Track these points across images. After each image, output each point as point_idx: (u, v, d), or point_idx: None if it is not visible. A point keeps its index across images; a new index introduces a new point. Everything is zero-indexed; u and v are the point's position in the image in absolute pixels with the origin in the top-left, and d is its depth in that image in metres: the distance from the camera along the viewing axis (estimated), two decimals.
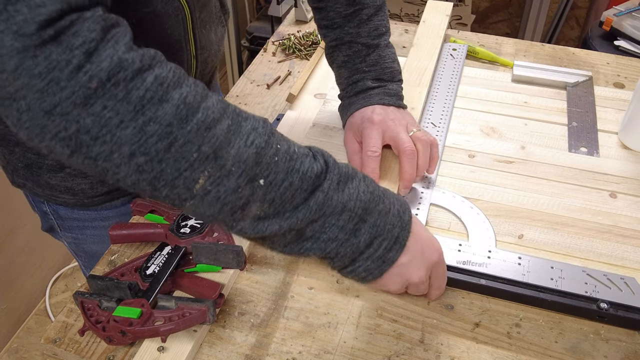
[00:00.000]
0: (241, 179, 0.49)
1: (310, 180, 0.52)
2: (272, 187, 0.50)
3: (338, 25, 0.81)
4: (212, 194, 0.49)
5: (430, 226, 0.73)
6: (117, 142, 0.45)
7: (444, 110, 0.91)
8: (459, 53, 1.04)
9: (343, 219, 0.54)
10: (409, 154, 0.74)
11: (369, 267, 0.57)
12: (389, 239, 0.57)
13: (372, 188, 0.57)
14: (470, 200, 0.76)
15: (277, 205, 0.51)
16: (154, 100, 0.45)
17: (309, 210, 0.52)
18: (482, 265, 0.66)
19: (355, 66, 0.81)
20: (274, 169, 0.50)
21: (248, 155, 0.49)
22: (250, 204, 0.50)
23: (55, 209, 0.85)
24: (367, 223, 0.56)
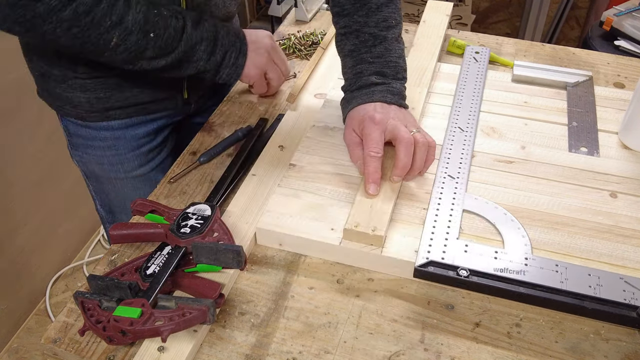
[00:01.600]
0: (139, 34, 0.76)
1: (180, 30, 0.80)
2: (158, 37, 0.78)
3: (348, 12, 0.83)
4: (122, 46, 0.76)
5: (464, 233, 0.72)
6: (59, 21, 0.71)
7: (470, 114, 0.90)
8: (482, 56, 1.03)
9: (203, 46, 0.83)
10: (406, 142, 0.73)
11: (230, 72, 0.88)
12: (235, 50, 0.87)
13: (212, 23, 0.84)
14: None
15: (164, 49, 0.79)
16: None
17: (181, 46, 0.81)
18: (520, 272, 0.65)
19: (361, 56, 0.81)
20: (157, 26, 0.77)
21: (140, 18, 0.75)
22: (147, 50, 0.78)
23: (67, 124, 0.97)
24: (218, 44, 0.84)
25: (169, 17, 0.78)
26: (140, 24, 0.75)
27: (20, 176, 1.64)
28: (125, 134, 0.96)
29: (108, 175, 1.00)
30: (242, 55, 0.87)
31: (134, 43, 0.76)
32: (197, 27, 0.81)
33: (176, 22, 0.79)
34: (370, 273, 0.69)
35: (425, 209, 0.74)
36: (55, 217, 1.82)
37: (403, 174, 0.75)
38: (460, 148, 0.84)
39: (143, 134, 0.97)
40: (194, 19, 0.81)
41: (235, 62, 0.86)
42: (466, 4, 2.58)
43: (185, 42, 0.80)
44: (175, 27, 0.79)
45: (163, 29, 0.78)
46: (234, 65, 0.87)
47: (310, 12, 1.21)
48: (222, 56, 0.85)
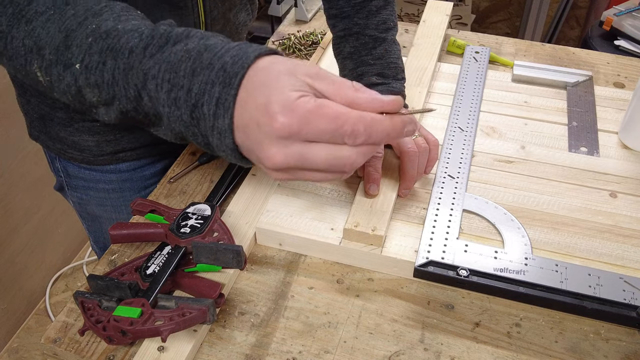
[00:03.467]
0: (59, 66, 0.48)
1: (124, 57, 0.47)
2: (88, 70, 0.48)
3: (347, 14, 0.81)
4: (52, 83, 0.50)
5: (464, 233, 0.72)
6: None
7: (470, 114, 0.90)
8: (482, 56, 1.03)
9: (151, 88, 0.46)
10: (410, 155, 0.74)
11: (217, 143, 0.46)
12: (209, 102, 0.44)
13: (191, 46, 0.46)
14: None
15: (104, 88, 0.48)
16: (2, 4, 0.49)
17: (127, 85, 0.47)
18: (520, 272, 0.65)
19: (361, 58, 0.81)
20: (87, 51, 0.47)
21: (59, 41, 0.48)
22: (82, 90, 0.48)
23: (65, 165, 0.89)
24: (183, 88, 0.45)
25: (117, 35, 0.48)
26: (60, 50, 0.48)
27: (20, 176, 1.64)
28: (133, 176, 0.90)
29: (109, 216, 0.94)
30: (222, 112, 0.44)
31: (57, 79, 0.49)
32: (155, 52, 0.47)
33: (126, 42, 0.47)
34: (370, 273, 0.69)
35: (425, 209, 0.74)
36: (55, 217, 1.82)
37: (411, 186, 0.75)
38: (460, 148, 0.84)
39: (150, 175, 0.93)
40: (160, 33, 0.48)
41: (214, 125, 0.45)
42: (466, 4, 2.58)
43: (129, 79, 0.47)
44: (118, 51, 0.47)
45: (97, 54, 0.47)
46: (214, 130, 0.46)
47: (310, 12, 1.21)
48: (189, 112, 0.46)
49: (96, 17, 0.48)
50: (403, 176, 0.75)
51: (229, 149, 0.45)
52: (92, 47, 0.47)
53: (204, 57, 0.45)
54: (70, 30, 0.48)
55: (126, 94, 0.47)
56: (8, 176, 1.60)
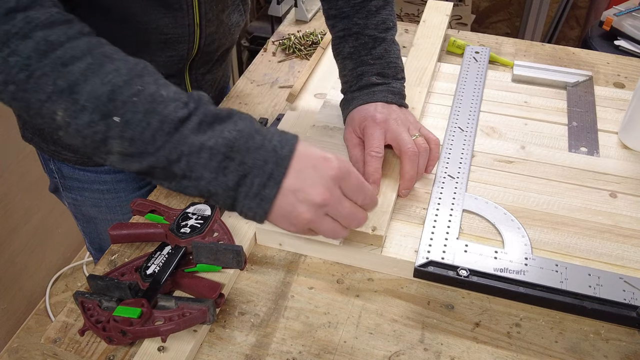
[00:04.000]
0: (94, 114, 0.52)
1: (172, 124, 0.53)
2: (128, 125, 0.52)
3: (346, 15, 0.81)
4: (72, 126, 0.53)
5: (464, 233, 0.72)
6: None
7: (470, 114, 0.90)
8: (482, 56, 1.03)
9: (204, 157, 0.54)
10: (410, 155, 0.74)
11: (251, 206, 0.55)
12: (261, 175, 0.54)
13: (241, 127, 0.55)
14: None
15: (138, 145, 0.53)
16: (18, 35, 0.51)
17: (165, 149, 0.53)
18: (520, 272, 0.65)
19: (361, 58, 0.81)
20: (132, 108, 0.52)
21: (102, 93, 0.52)
22: (109, 140, 0.53)
23: (59, 167, 0.89)
24: (235, 161, 0.54)
25: (163, 101, 0.53)
26: (100, 100, 0.52)
27: (20, 176, 1.64)
28: (127, 176, 0.91)
29: (104, 217, 0.94)
30: (273, 184, 0.55)
31: (85, 125, 0.52)
32: (208, 128, 0.54)
33: (174, 110, 0.53)
34: (370, 273, 0.69)
35: (425, 209, 0.74)
36: (55, 217, 1.82)
37: (411, 186, 0.75)
38: (460, 148, 0.84)
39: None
40: (212, 113, 0.55)
41: (259, 193, 0.55)
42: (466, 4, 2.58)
43: (173, 144, 0.53)
44: (166, 117, 0.53)
45: (142, 114, 0.52)
46: (258, 197, 0.55)
47: (310, 12, 1.21)
48: (237, 179, 0.54)
49: (139, 78, 0.54)
50: (403, 176, 0.75)
51: (262, 209, 0.55)
52: (136, 106, 0.53)
53: (256, 138, 0.55)
54: (117, 86, 0.53)
55: (165, 154, 0.53)
56: (8, 176, 1.60)
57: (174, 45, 0.71)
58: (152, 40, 0.74)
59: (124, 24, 0.71)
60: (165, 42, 0.75)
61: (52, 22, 0.53)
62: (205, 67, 0.87)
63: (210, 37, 0.82)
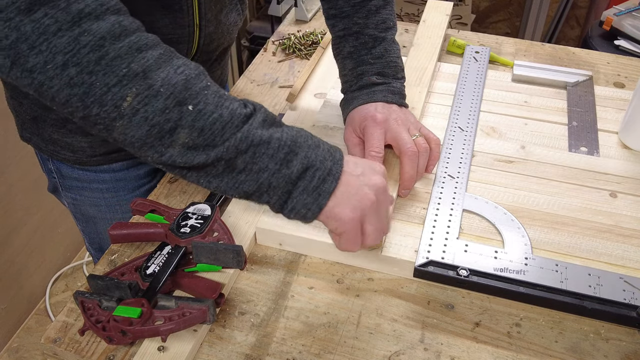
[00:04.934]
0: (169, 100, 0.52)
1: (240, 118, 0.55)
2: (201, 115, 0.53)
3: (347, 14, 0.82)
4: (140, 113, 0.51)
5: (464, 233, 0.72)
6: (52, 51, 0.48)
7: (470, 114, 0.90)
8: (482, 56, 1.03)
9: (272, 147, 0.55)
10: (410, 155, 0.74)
11: (306, 202, 0.57)
12: (322, 169, 0.57)
13: (297, 129, 0.59)
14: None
15: (207, 136, 0.53)
16: (91, 15, 0.49)
17: (235, 139, 0.54)
18: (520, 272, 0.65)
19: (361, 58, 0.81)
20: (204, 99, 0.53)
21: (177, 81, 0.52)
22: (179, 129, 0.53)
23: (58, 166, 0.89)
24: (299, 155, 0.56)
25: (228, 98, 0.55)
26: (176, 88, 0.52)
27: (20, 176, 1.64)
28: (127, 175, 0.90)
29: (103, 216, 0.94)
30: (331, 179, 0.57)
31: (158, 111, 0.51)
32: (270, 124, 0.57)
33: (239, 107, 0.55)
34: (370, 273, 0.69)
35: (425, 209, 0.74)
36: (55, 217, 1.82)
37: (411, 186, 0.75)
38: (460, 148, 0.84)
39: (144, 174, 0.92)
40: (270, 114, 0.58)
41: (318, 187, 0.57)
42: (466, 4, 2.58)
43: (243, 134, 0.54)
44: (234, 111, 0.54)
45: (213, 105, 0.53)
46: (316, 191, 0.57)
47: (310, 12, 1.21)
48: (300, 171, 0.56)
49: (205, 75, 0.56)
50: (402, 176, 0.75)
51: (318, 204, 0.57)
52: (208, 98, 0.54)
53: (314, 139, 0.59)
54: (190, 77, 0.53)
55: (234, 144, 0.54)
56: (8, 176, 1.60)
57: (174, 45, 0.71)
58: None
59: None
60: (165, 42, 0.75)
61: (119, 8, 0.52)
62: (203, 66, 0.87)
63: (209, 37, 0.82)
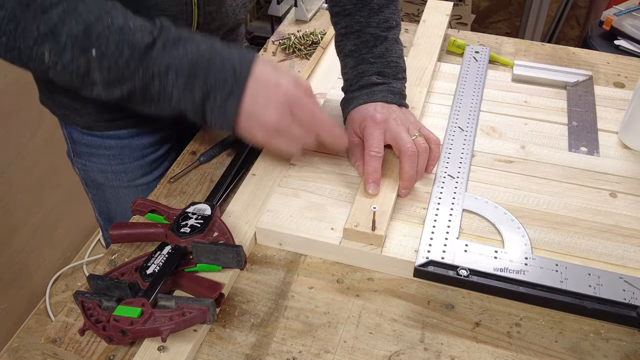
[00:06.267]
0: (75, 50, 0.60)
1: (140, 50, 0.61)
2: (104, 56, 0.61)
3: (349, 12, 0.82)
4: (59, 64, 0.61)
5: (464, 232, 0.72)
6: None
7: (470, 113, 0.90)
8: (482, 56, 1.03)
9: (171, 77, 0.62)
10: (409, 155, 0.74)
11: (217, 118, 0.64)
12: (222, 92, 0.63)
13: (203, 48, 0.63)
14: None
15: (115, 72, 0.61)
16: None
17: (139, 72, 0.61)
18: (520, 272, 0.65)
19: (362, 56, 0.81)
20: (104, 42, 0.60)
21: (78, 31, 0.60)
22: (91, 71, 0.61)
23: (70, 131, 0.94)
24: (199, 79, 0.62)
25: (131, 32, 0.61)
26: (78, 38, 0.60)
27: (20, 176, 1.64)
28: (131, 143, 0.94)
29: (110, 184, 0.98)
30: (232, 98, 0.63)
31: (69, 61, 0.61)
32: (171, 49, 0.62)
33: (141, 38, 0.61)
34: (370, 273, 0.69)
35: (425, 209, 0.74)
36: (55, 217, 1.82)
37: (410, 186, 0.75)
38: (460, 148, 0.84)
39: (148, 144, 0.96)
40: (173, 37, 0.63)
41: (222, 106, 0.63)
42: (466, 4, 2.58)
43: (145, 67, 0.61)
44: (134, 45, 0.61)
45: (114, 45, 0.60)
46: (222, 110, 0.63)
47: (310, 12, 1.21)
48: (202, 95, 0.63)
49: (108, 14, 0.61)
50: (402, 176, 0.75)
51: (227, 121, 0.64)
52: (109, 39, 0.60)
53: (217, 59, 0.63)
54: (89, 24, 0.60)
55: (141, 77, 0.61)
56: (8, 176, 1.60)
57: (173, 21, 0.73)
58: (150, 16, 0.75)
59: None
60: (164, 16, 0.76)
61: None
62: None
63: (210, 16, 0.82)
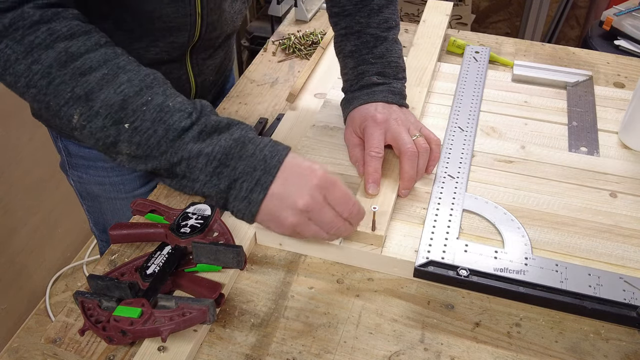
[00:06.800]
0: (107, 119, 0.59)
1: (175, 132, 0.59)
2: (137, 131, 0.59)
3: (349, 12, 0.82)
4: (87, 128, 0.60)
5: (464, 233, 0.72)
6: (15, 75, 0.58)
7: (470, 113, 0.90)
8: (482, 56, 1.03)
9: (201, 162, 0.60)
10: (409, 155, 0.74)
11: (240, 208, 0.61)
12: (249, 181, 0.60)
13: (237, 135, 0.62)
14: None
15: (144, 149, 0.60)
16: (41, 46, 0.57)
17: (168, 154, 0.60)
18: (520, 272, 0.65)
19: (362, 57, 0.81)
20: (141, 117, 0.59)
21: (115, 102, 0.59)
22: (119, 143, 0.60)
23: (66, 144, 0.93)
24: (229, 167, 0.60)
25: (170, 111, 0.60)
26: (113, 108, 0.58)
27: (20, 176, 1.64)
28: None
29: (107, 195, 0.97)
30: (260, 189, 0.60)
31: (99, 129, 0.59)
32: (207, 137, 0.61)
33: (178, 120, 0.60)
34: (370, 273, 0.69)
35: (425, 209, 0.74)
36: (55, 217, 1.82)
37: (410, 186, 0.76)
38: (460, 148, 0.84)
39: None
40: (212, 124, 0.61)
41: (247, 197, 0.60)
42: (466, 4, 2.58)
43: (174, 150, 0.59)
44: (170, 126, 0.59)
45: (149, 122, 0.59)
46: (245, 200, 0.61)
47: (310, 12, 1.21)
48: (228, 183, 0.60)
49: (149, 89, 0.60)
50: (402, 176, 0.75)
51: (250, 213, 0.61)
52: (145, 115, 0.59)
53: (249, 147, 0.61)
54: (128, 96, 0.59)
55: (167, 158, 0.60)
56: (8, 176, 1.60)
57: (176, 33, 0.73)
58: (154, 27, 0.76)
59: (128, 11, 0.72)
60: (167, 29, 0.76)
61: (73, 33, 0.59)
62: (206, 53, 0.88)
63: (212, 25, 0.83)
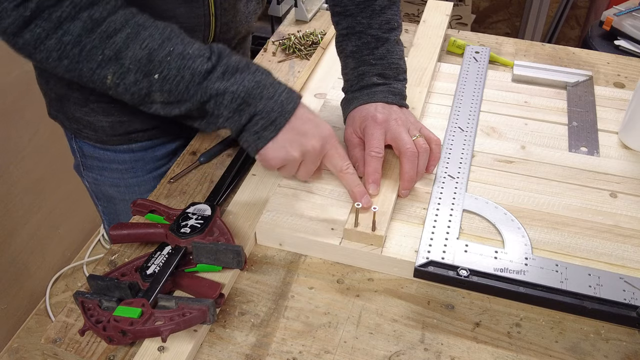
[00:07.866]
0: (138, 74, 0.65)
1: (200, 75, 0.66)
2: (166, 80, 0.66)
3: (350, 13, 0.82)
4: (121, 86, 0.66)
5: (464, 233, 0.72)
6: (47, 50, 0.64)
7: (470, 114, 0.90)
8: (482, 56, 1.03)
9: (227, 99, 0.67)
10: (409, 155, 0.74)
11: (248, 139, 0.69)
12: (266, 118, 0.68)
13: (259, 78, 0.68)
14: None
15: (175, 95, 0.67)
16: (68, 18, 0.62)
17: (198, 95, 0.66)
18: (520, 272, 0.65)
19: (363, 58, 0.81)
20: (167, 66, 0.65)
21: (142, 56, 0.65)
22: (152, 93, 0.67)
23: (81, 145, 0.94)
24: (250, 106, 0.67)
25: (191, 57, 0.66)
26: (141, 63, 0.65)
27: (20, 176, 1.64)
28: (145, 156, 0.93)
29: (122, 197, 0.97)
30: (273, 128, 0.68)
31: (132, 84, 0.66)
32: (230, 76, 0.67)
33: (200, 64, 0.66)
34: (370, 273, 0.69)
35: (425, 209, 0.74)
36: (56, 217, 1.82)
37: (410, 186, 0.76)
38: (460, 148, 0.84)
39: (162, 156, 0.95)
40: (233, 65, 0.68)
41: (259, 132, 0.69)
42: (466, 4, 2.58)
43: (203, 91, 0.66)
44: (195, 70, 0.66)
45: (175, 70, 0.65)
46: (256, 135, 0.69)
47: (310, 12, 1.21)
48: (248, 119, 0.68)
49: (169, 40, 0.66)
50: (402, 177, 0.75)
51: (255, 146, 0.69)
52: (170, 64, 0.65)
53: (270, 90, 0.68)
54: (153, 49, 0.65)
55: (197, 99, 0.67)
56: (8, 176, 1.60)
57: (191, 33, 0.74)
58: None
59: (143, 11, 0.72)
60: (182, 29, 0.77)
61: (92, 1, 0.63)
62: None
63: (226, 26, 0.84)
